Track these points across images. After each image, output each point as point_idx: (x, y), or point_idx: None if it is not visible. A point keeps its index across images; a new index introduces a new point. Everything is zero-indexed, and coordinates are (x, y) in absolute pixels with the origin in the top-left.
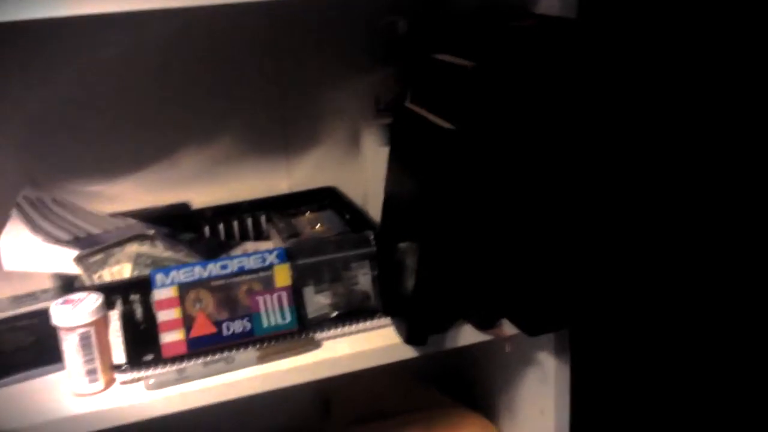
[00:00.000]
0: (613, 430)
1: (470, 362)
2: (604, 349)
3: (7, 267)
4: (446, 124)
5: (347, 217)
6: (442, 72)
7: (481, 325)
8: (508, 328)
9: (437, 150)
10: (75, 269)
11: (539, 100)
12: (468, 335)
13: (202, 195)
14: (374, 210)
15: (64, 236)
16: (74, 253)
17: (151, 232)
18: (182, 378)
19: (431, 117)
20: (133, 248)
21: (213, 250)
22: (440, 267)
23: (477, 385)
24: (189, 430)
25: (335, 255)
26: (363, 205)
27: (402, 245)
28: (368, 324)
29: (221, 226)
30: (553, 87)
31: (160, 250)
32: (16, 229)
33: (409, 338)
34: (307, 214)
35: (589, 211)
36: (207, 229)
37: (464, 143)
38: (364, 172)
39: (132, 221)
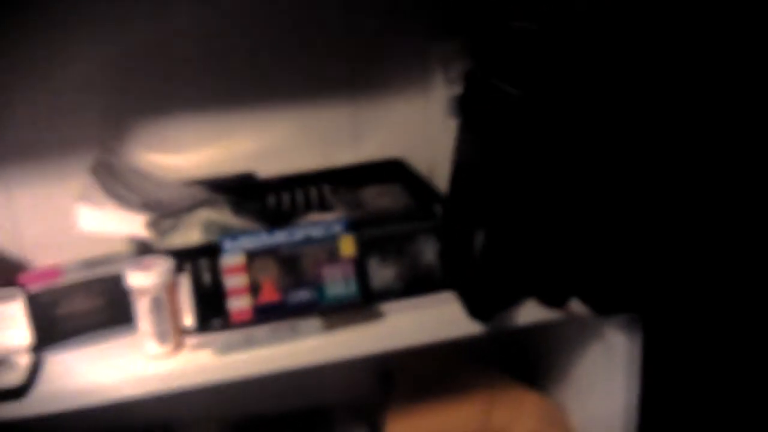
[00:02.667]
0: (684, 416)
1: (535, 342)
2: (678, 332)
3: (84, 228)
4: (513, 91)
5: (413, 189)
6: (511, 38)
7: (550, 303)
8: (578, 307)
9: (504, 117)
10: (146, 233)
11: (609, 65)
12: (535, 313)
13: (268, 165)
14: (441, 181)
15: (137, 201)
16: (146, 217)
17: (220, 199)
18: (248, 344)
19: (500, 85)
20: (203, 214)
21: (278, 219)
22: (508, 240)
23: (541, 365)
24: (250, 396)
25: (400, 227)
26: (430, 176)
27: (469, 217)
28: (433, 298)
29: (286, 197)
30: (622, 51)
31: (228, 217)
32: (92, 192)
33: (474, 312)
34: (373, 186)
35: (666, 187)
36: (272, 199)
37: (531, 109)
38: (431, 144)
39: (200, 189)
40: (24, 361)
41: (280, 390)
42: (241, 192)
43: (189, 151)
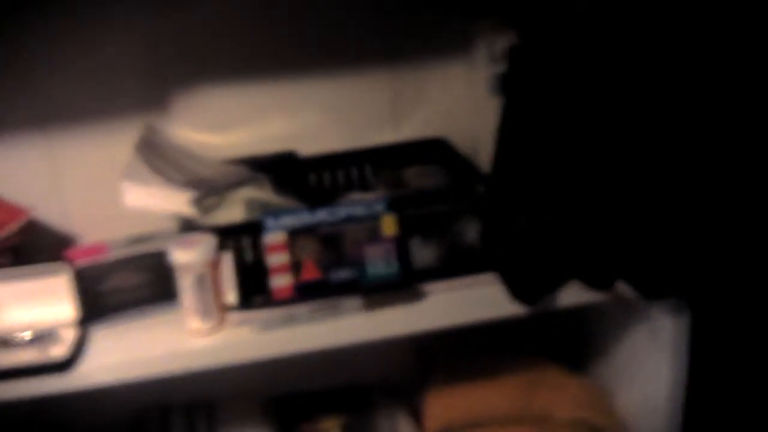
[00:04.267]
0: (730, 402)
1: (578, 323)
2: (727, 317)
3: (130, 204)
4: (560, 71)
5: (456, 168)
6: (557, 14)
7: (596, 286)
8: (624, 290)
9: (550, 96)
10: (190, 211)
11: (667, 41)
12: (578, 295)
13: (308, 145)
14: (484, 161)
15: (181, 179)
16: (190, 195)
17: (262, 177)
18: (290, 321)
19: (546, 63)
20: (245, 193)
21: (319, 198)
22: (552, 221)
23: (585, 347)
24: (290, 373)
25: (443, 207)
26: (472, 156)
27: (513, 198)
28: (475, 279)
29: (327, 176)
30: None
31: (270, 195)
32: (138, 169)
33: (517, 294)
34: (415, 165)
35: (720, 172)
36: (313, 178)
37: (578, 88)
38: (474, 122)
39: (242, 167)
40: (70, 334)
41: (320, 368)
42: (282, 171)
43: (229, 131)
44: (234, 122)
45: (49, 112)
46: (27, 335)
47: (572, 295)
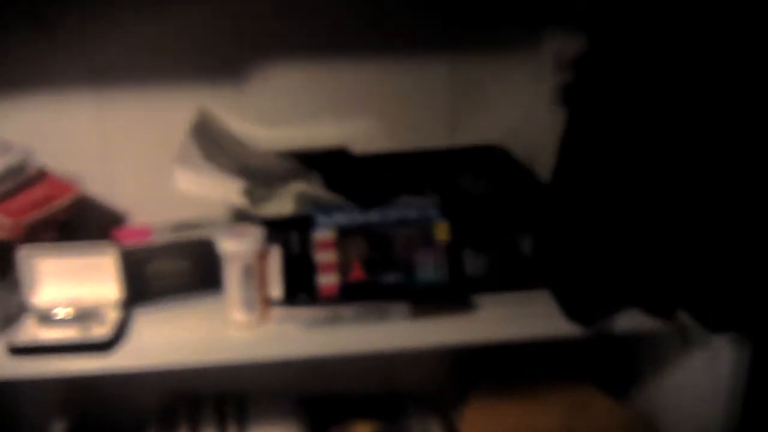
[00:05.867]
0: None
1: (632, 346)
2: None
3: (181, 188)
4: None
5: (514, 177)
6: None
7: (656, 314)
8: (685, 320)
9: (618, 111)
10: (241, 200)
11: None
12: (638, 321)
13: (364, 145)
14: (542, 172)
15: (232, 167)
16: (240, 184)
17: (314, 172)
18: (335, 321)
19: (617, 74)
20: (296, 187)
21: (369, 198)
22: (614, 240)
23: (638, 370)
24: (324, 374)
25: (498, 217)
26: (531, 165)
27: (574, 216)
28: (528, 294)
29: (379, 176)
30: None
31: (321, 191)
32: (190, 155)
33: (573, 315)
34: (471, 171)
35: None
36: (365, 177)
37: (648, 105)
38: (535, 132)
39: (294, 161)
40: (112, 315)
41: (356, 371)
42: (334, 167)
43: (283, 125)
44: (289, 117)
45: (103, 82)
46: (69, 312)
47: (631, 321)
